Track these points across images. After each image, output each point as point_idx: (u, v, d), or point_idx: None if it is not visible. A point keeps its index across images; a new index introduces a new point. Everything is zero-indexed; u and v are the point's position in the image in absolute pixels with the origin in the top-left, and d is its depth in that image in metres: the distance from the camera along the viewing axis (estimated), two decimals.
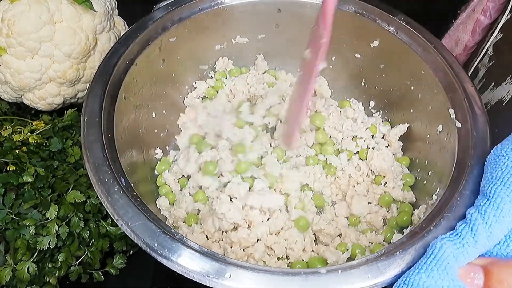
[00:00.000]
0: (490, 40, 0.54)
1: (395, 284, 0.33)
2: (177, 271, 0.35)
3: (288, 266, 0.48)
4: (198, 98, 0.63)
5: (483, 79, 0.56)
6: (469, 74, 0.58)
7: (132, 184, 0.41)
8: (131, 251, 0.55)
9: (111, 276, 0.54)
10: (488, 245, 0.34)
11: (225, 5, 0.57)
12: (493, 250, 0.35)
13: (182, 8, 0.55)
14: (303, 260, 0.48)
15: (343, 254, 0.47)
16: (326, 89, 0.64)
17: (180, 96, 0.62)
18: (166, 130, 0.59)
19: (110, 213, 0.38)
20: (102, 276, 0.53)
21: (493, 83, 0.53)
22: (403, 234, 0.46)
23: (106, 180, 0.39)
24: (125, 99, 0.49)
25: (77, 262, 0.51)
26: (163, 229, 0.36)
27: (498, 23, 0.52)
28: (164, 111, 0.59)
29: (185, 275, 0.35)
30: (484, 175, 0.38)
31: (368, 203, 0.53)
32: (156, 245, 0.35)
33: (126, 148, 0.48)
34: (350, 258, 0.47)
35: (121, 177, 0.40)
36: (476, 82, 0.56)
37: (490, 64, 0.55)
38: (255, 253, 0.46)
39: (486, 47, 0.55)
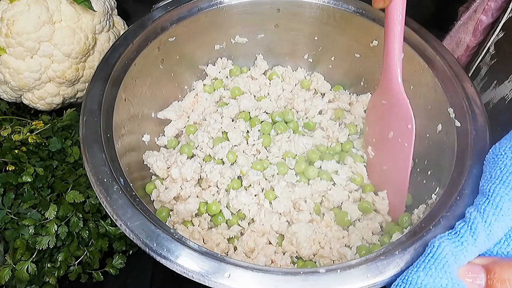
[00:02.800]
0: (492, 38, 0.54)
1: (394, 283, 0.33)
2: (176, 271, 0.35)
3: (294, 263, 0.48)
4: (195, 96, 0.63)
5: (485, 77, 0.56)
6: (471, 73, 0.58)
7: (131, 184, 0.41)
8: (131, 251, 0.55)
9: (111, 276, 0.54)
10: (487, 244, 0.34)
11: (224, 5, 0.57)
12: (493, 249, 0.35)
13: (181, 8, 0.54)
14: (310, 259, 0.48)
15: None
16: (324, 83, 0.64)
17: (180, 96, 0.62)
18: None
19: (109, 213, 0.38)
20: (102, 276, 0.53)
21: (495, 82, 0.53)
22: (402, 233, 0.46)
23: (105, 180, 0.39)
24: (124, 99, 0.49)
25: (77, 262, 0.51)
26: (162, 229, 0.36)
27: (500, 22, 0.52)
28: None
29: (184, 275, 0.35)
30: (483, 174, 0.38)
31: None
32: (155, 245, 0.35)
33: (125, 148, 0.48)
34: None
35: (120, 177, 0.40)
36: (478, 81, 0.56)
37: (492, 62, 0.54)
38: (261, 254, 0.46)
39: (488, 45, 0.55)
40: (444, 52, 0.51)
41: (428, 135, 0.52)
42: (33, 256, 0.48)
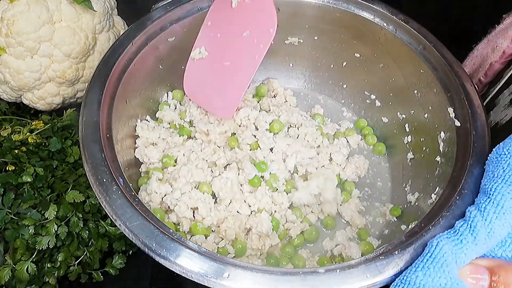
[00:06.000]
0: None
1: (393, 284, 0.33)
2: (176, 271, 0.35)
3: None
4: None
5: None
6: (504, 81, 0.53)
7: (131, 184, 0.41)
8: (130, 251, 0.55)
9: (110, 276, 0.54)
10: (489, 242, 0.34)
11: None
12: (497, 251, 0.34)
13: (180, 8, 0.54)
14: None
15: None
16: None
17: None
18: None
19: (108, 213, 0.38)
20: (101, 276, 0.53)
21: None
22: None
23: (105, 180, 0.39)
24: (124, 100, 0.49)
25: (77, 262, 0.51)
26: (161, 229, 0.36)
27: None
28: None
29: (183, 275, 0.35)
30: (485, 174, 0.38)
31: None
32: (154, 245, 0.35)
33: (124, 148, 0.48)
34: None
35: (120, 177, 0.40)
36: (509, 92, 0.51)
37: None
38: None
39: None
40: (444, 51, 0.51)
41: (428, 135, 0.52)
42: (33, 256, 0.48)
